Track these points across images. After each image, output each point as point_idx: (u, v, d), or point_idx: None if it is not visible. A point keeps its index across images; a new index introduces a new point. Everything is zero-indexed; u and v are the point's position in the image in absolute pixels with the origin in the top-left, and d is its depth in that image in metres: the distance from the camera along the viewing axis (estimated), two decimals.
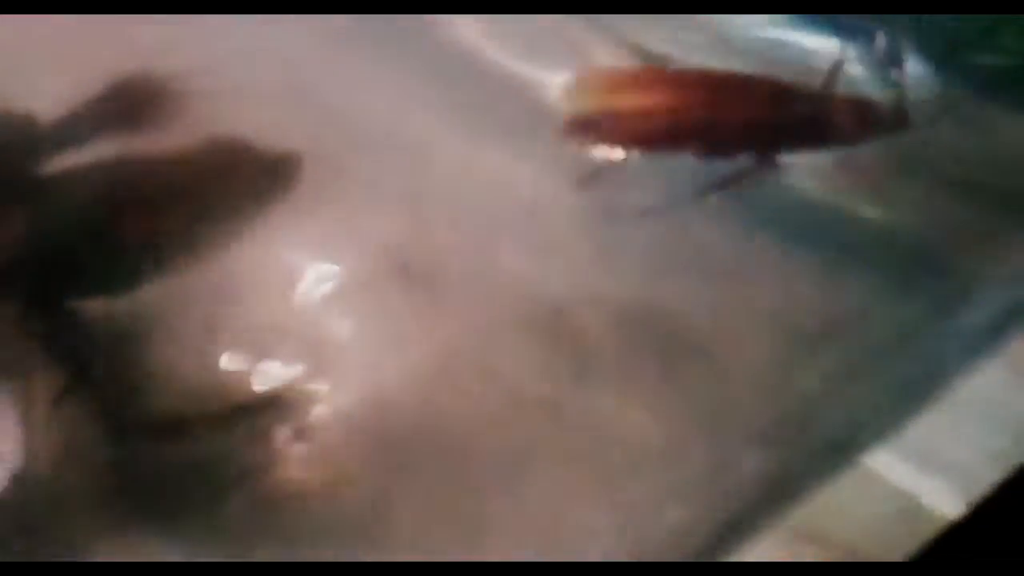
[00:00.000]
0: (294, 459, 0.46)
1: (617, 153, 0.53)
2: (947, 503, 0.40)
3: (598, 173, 0.52)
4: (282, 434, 0.46)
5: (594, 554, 0.42)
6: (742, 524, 0.40)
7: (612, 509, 0.43)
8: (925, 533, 0.39)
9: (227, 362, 0.47)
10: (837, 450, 0.42)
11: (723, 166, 0.52)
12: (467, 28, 0.58)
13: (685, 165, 0.53)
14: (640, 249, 0.50)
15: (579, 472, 0.45)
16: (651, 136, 0.53)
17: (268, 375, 0.47)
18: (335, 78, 0.56)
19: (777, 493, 0.41)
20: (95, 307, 0.49)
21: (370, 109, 0.55)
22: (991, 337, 0.44)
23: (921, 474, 0.41)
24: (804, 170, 0.52)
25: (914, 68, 0.53)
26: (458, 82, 0.56)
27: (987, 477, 0.41)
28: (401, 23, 0.58)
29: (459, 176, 0.53)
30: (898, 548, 0.39)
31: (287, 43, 0.58)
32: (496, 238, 0.51)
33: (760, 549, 0.39)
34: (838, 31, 0.55)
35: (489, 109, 0.55)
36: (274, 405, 0.47)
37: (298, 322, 0.49)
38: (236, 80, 0.55)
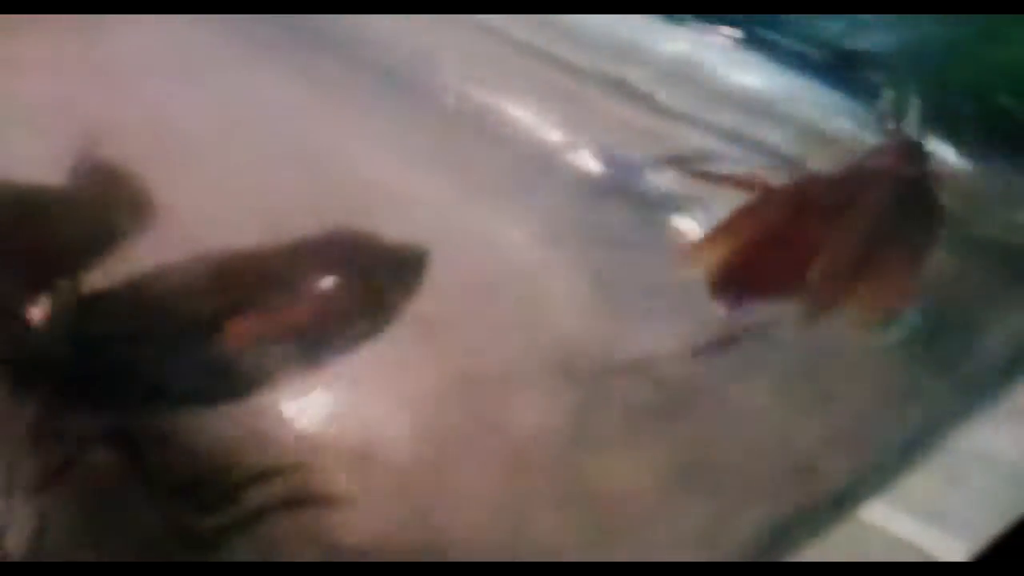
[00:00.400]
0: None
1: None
2: (949, 554, 0.40)
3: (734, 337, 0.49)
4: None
5: None
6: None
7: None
8: None
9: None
10: (837, 504, 0.42)
11: None
12: (474, 87, 0.59)
13: None
14: (639, 304, 0.50)
15: (574, 526, 0.44)
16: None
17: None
18: (331, 132, 0.57)
19: (777, 547, 0.41)
20: None
21: (366, 163, 0.56)
22: (991, 389, 0.44)
23: (923, 526, 0.41)
24: None
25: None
26: (457, 139, 0.57)
27: (989, 528, 0.40)
28: (397, 75, 0.59)
29: (455, 234, 0.53)
30: None
31: (278, 95, 0.59)
32: (492, 294, 0.51)
33: None
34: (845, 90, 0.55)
35: (488, 166, 0.56)
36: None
37: None
38: (223, 132, 0.56)
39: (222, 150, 0.57)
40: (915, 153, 0.50)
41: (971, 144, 0.51)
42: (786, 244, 0.49)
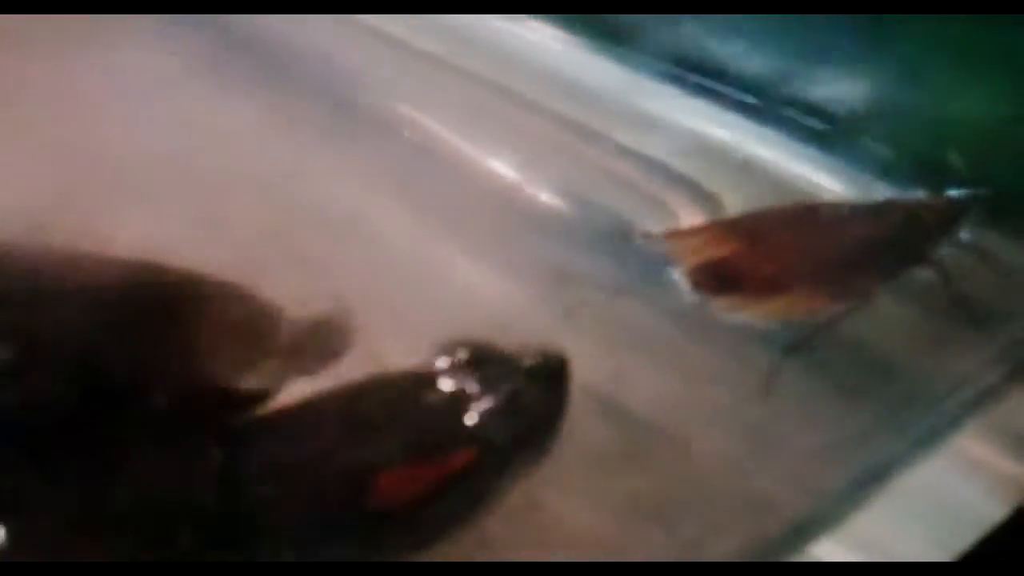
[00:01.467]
0: None
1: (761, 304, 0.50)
2: None
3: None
4: None
5: None
6: None
7: None
8: None
9: None
10: (789, 540, 0.43)
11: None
12: (440, 126, 0.61)
13: None
14: (602, 339, 0.52)
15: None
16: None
17: None
18: (304, 171, 0.58)
19: None
20: None
21: (325, 192, 0.57)
22: (937, 432, 0.46)
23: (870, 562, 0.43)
24: None
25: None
26: (427, 180, 0.58)
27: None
28: (374, 117, 0.60)
29: (417, 265, 0.54)
30: None
31: (238, 123, 0.59)
32: (460, 326, 0.52)
33: None
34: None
35: (456, 208, 0.57)
36: None
37: None
38: (180, 159, 0.56)
39: (179, 177, 0.58)
40: (954, 208, 0.51)
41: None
42: (766, 247, 0.51)
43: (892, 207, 0.52)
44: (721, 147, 0.60)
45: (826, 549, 0.43)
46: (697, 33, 0.61)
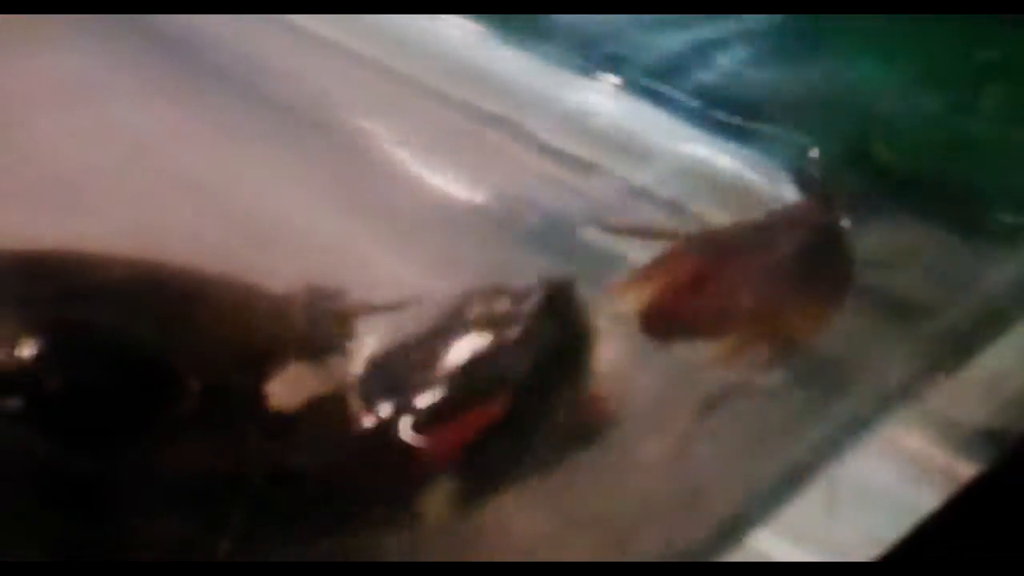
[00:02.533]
0: None
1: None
2: None
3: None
4: None
5: None
6: None
7: None
8: None
9: None
10: (724, 532, 0.43)
11: None
12: (372, 126, 0.60)
13: None
14: None
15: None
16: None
17: None
18: (237, 176, 0.58)
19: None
20: None
21: (261, 197, 0.57)
22: (867, 424, 0.46)
23: (803, 553, 0.43)
24: None
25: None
26: (359, 182, 0.58)
27: (865, 555, 0.43)
28: (305, 119, 0.60)
29: (354, 271, 0.54)
30: None
31: (172, 128, 0.59)
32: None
33: None
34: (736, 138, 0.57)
35: (389, 209, 0.57)
36: None
37: None
38: (112, 165, 0.56)
39: (111, 183, 0.57)
40: (828, 204, 0.52)
41: (848, 194, 0.54)
42: (711, 287, 0.50)
43: (780, 220, 0.53)
44: (646, 142, 0.60)
45: (762, 541, 0.43)
46: (621, 26, 0.61)
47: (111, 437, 0.39)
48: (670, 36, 0.61)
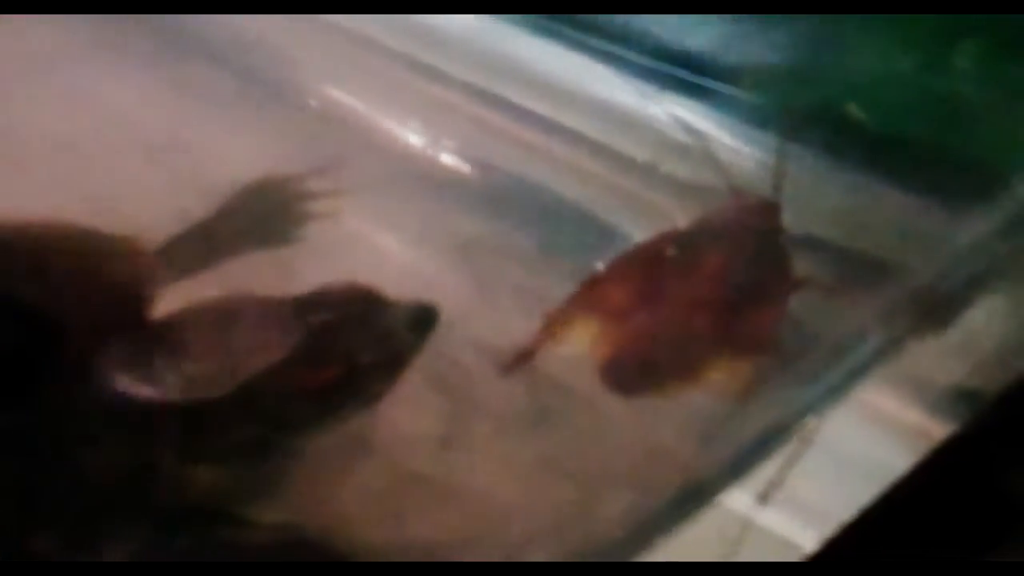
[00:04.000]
0: None
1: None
2: (802, 539, 0.42)
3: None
4: None
5: None
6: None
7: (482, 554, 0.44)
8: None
9: None
10: (696, 491, 0.43)
11: None
12: (345, 95, 0.60)
13: None
14: (513, 305, 0.51)
15: (447, 524, 0.46)
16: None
17: None
18: (203, 144, 0.57)
19: (642, 530, 0.42)
20: None
21: (226, 163, 0.57)
22: (840, 386, 0.46)
23: (778, 513, 0.43)
24: None
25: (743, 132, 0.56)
26: (332, 150, 0.58)
27: (838, 515, 0.43)
28: (278, 88, 0.59)
29: (325, 234, 0.54)
30: None
31: (135, 95, 0.58)
32: None
33: None
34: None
35: (363, 177, 0.57)
36: None
37: None
38: (72, 132, 0.55)
39: (71, 150, 0.57)
40: (766, 209, 0.50)
41: (821, 154, 0.53)
42: (664, 318, 0.48)
43: (722, 226, 0.51)
44: (624, 108, 0.60)
45: (739, 501, 0.43)
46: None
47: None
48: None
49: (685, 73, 0.57)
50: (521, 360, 0.49)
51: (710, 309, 0.49)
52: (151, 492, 0.43)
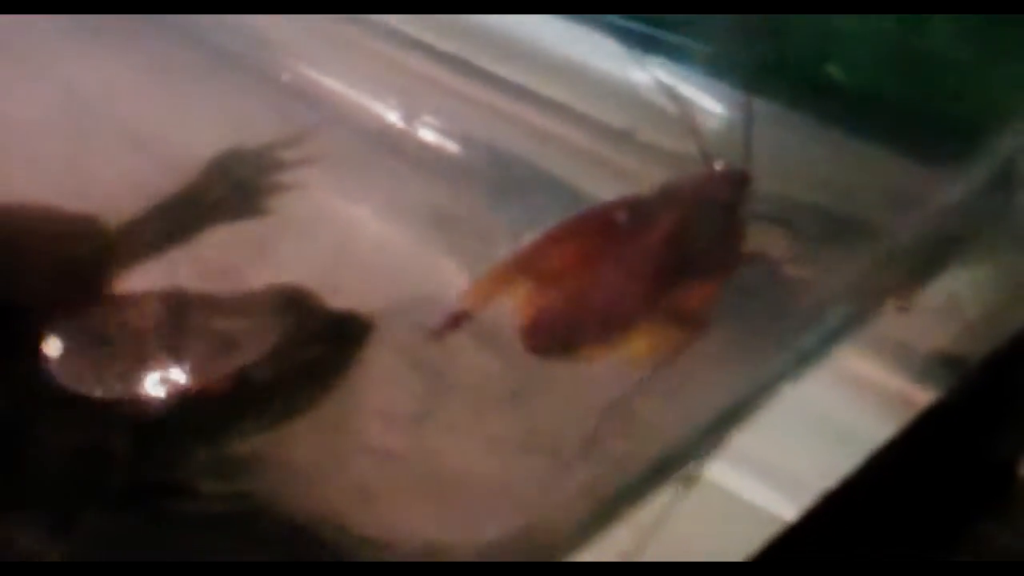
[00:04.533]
0: None
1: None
2: (780, 509, 0.41)
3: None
4: None
5: None
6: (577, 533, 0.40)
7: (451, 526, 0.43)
8: (761, 535, 0.40)
9: None
10: (672, 460, 0.43)
11: None
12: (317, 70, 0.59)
13: None
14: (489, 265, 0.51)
15: (416, 497, 0.45)
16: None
17: None
18: (177, 124, 0.57)
19: (619, 498, 0.41)
20: None
21: (199, 141, 0.57)
22: (817, 351, 0.45)
23: (756, 483, 0.42)
24: None
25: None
26: (305, 124, 0.57)
27: (817, 485, 0.42)
28: (250, 64, 0.59)
29: (298, 208, 0.53)
30: (735, 549, 0.40)
31: (106, 76, 0.58)
32: (341, 270, 0.51)
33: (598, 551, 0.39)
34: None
35: (335, 150, 0.56)
36: None
37: None
38: (45, 114, 0.55)
39: (40, 130, 0.57)
40: (731, 179, 0.49)
41: (799, 113, 0.52)
42: (591, 284, 0.48)
43: (679, 194, 0.49)
44: (604, 73, 0.59)
45: (717, 471, 0.42)
46: None
47: None
48: None
49: (666, 34, 0.56)
50: (453, 323, 0.48)
51: (645, 277, 0.48)
52: (103, 472, 0.42)
